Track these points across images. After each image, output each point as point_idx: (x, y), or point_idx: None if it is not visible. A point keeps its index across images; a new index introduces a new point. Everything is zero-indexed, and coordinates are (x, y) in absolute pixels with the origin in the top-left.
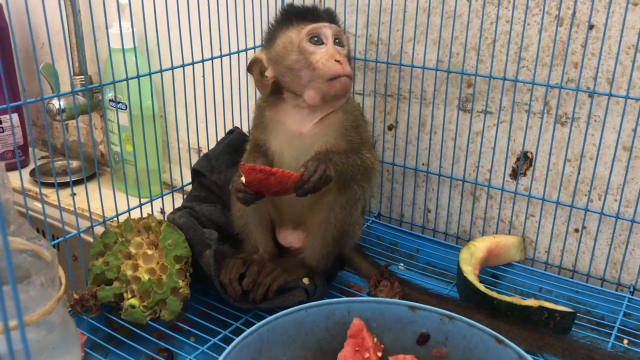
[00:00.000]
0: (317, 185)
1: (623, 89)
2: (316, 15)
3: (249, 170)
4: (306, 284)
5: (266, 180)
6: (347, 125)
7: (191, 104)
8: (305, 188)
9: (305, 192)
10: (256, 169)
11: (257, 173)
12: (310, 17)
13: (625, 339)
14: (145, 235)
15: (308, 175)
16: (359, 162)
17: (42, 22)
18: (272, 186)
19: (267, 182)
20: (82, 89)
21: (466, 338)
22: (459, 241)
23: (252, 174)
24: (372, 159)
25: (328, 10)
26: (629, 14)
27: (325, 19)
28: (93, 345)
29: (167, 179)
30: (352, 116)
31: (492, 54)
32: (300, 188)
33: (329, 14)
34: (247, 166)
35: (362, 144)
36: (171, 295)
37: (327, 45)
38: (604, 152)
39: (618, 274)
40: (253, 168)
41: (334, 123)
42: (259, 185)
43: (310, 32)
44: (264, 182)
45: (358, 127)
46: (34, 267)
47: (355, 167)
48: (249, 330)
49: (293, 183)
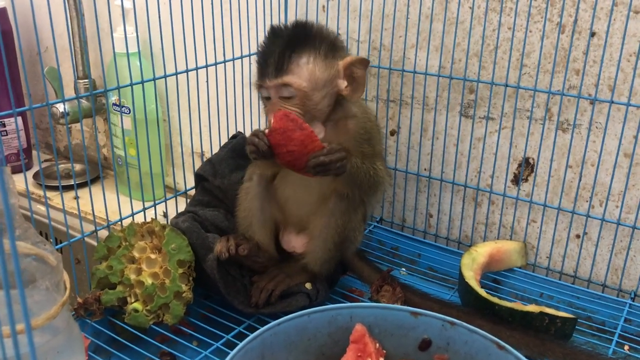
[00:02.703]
0: (332, 164)
1: (624, 96)
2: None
3: (282, 115)
4: (309, 289)
5: (291, 132)
6: (358, 137)
7: (194, 109)
8: (320, 160)
9: (317, 165)
10: (289, 117)
11: (288, 121)
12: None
13: (626, 345)
14: (148, 240)
15: (329, 151)
16: (372, 173)
17: (46, 26)
18: (293, 142)
19: (292, 135)
20: (86, 95)
21: (468, 344)
22: (461, 246)
23: (283, 119)
24: (384, 172)
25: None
26: (631, 22)
27: (268, 75)
28: (96, 348)
29: (171, 182)
30: (365, 126)
31: (494, 60)
32: (316, 157)
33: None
34: (282, 111)
35: (374, 155)
36: (174, 300)
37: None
38: (606, 159)
39: (619, 280)
40: (287, 114)
41: (346, 132)
42: (282, 136)
43: (259, 90)
44: (288, 133)
45: (371, 139)
46: (39, 272)
47: (367, 176)
48: (252, 336)
49: (312, 150)
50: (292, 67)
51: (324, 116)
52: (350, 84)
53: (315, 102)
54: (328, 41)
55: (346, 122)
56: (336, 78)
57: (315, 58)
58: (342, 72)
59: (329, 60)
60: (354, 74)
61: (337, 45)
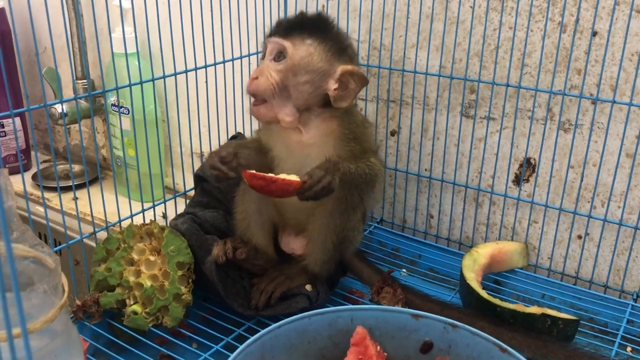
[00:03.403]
0: (318, 195)
1: (626, 95)
2: (271, 30)
3: (250, 177)
4: (309, 290)
5: (267, 187)
6: (344, 137)
7: (194, 109)
8: (306, 195)
9: (306, 199)
10: (257, 176)
11: (257, 180)
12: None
13: (629, 347)
14: (147, 242)
15: (310, 184)
16: (367, 170)
17: (44, 26)
18: (274, 192)
19: (268, 189)
20: (84, 95)
21: (470, 346)
22: (462, 247)
23: (253, 180)
24: (379, 165)
25: (285, 23)
26: (633, 21)
27: (276, 33)
28: (95, 351)
29: (170, 183)
30: (349, 127)
31: (495, 60)
32: (301, 195)
33: (282, 26)
34: (248, 173)
35: (365, 151)
36: (173, 302)
37: (263, 61)
38: (607, 159)
39: (621, 281)
40: (254, 175)
41: (332, 132)
42: (258, 189)
43: (262, 49)
44: (265, 188)
45: (357, 138)
46: (37, 274)
47: (362, 176)
48: (252, 339)
49: (295, 190)
50: (296, 38)
51: (300, 103)
52: (340, 91)
53: (297, 82)
54: (340, 44)
55: (330, 123)
56: (329, 76)
57: (320, 46)
58: (337, 74)
59: (331, 57)
60: (349, 84)
61: (347, 51)
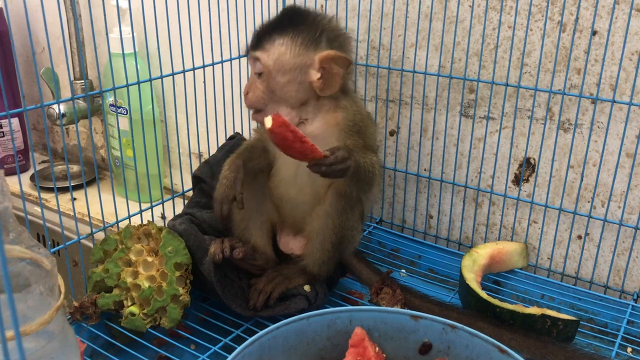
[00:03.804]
0: (332, 173)
1: (626, 95)
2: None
3: (280, 123)
4: (307, 291)
5: (290, 142)
6: (347, 129)
7: (192, 109)
8: (321, 169)
9: (318, 172)
10: (289, 127)
11: (287, 131)
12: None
13: (629, 347)
14: (145, 242)
15: (331, 161)
16: (370, 168)
17: (42, 26)
18: (292, 149)
19: (290, 144)
20: (82, 96)
21: (469, 348)
22: (461, 248)
23: (281, 128)
24: (378, 165)
25: (256, 32)
26: (633, 20)
27: (251, 46)
28: (93, 353)
29: (168, 183)
30: (354, 119)
31: (495, 59)
32: (316, 165)
33: (255, 37)
34: (281, 119)
35: (366, 148)
36: (171, 303)
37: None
38: (607, 159)
39: (621, 281)
40: (286, 124)
41: (337, 123)
42: (280, 139)
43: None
44: (287, 141)
45: (361, 132)
46: (34, 276)
47: (366, 172)
48: (250, 340)
49: (312, 158)
50: (266, 45)
51: (293, 101)
52: (325, 78)
53: (279, 84)
54: (314, 32)
55: (335, 114)
56: (308, 67)
57: (291, 42)
58: (317, 64)
59: (304, 49)
60: (332, 69)
61: (322, 37)
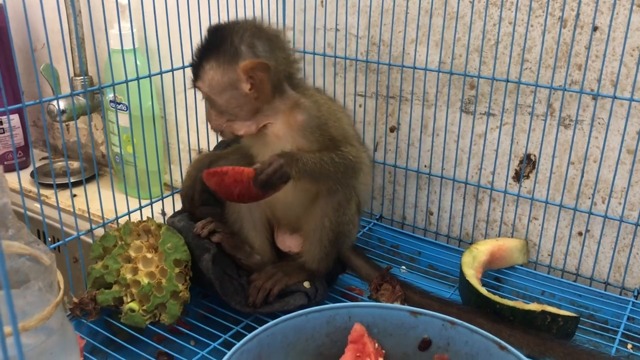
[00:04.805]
0: (272, 178)
1: (627, 91)
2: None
3: (207, 176)
4: (307, 287)
5: (223, 183)
6: (308, 127)
7: (192, 105)
8: (260, 180)
9: (260, 185)
10: (211, 172)
11: (212, 177)
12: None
13: (629, 344)
14: (144, 239)
15: (261, 168)
16: (337, 160)
17: (41, 23)
18: (231, 187)
19: (225, 184)
20: (81, 92)
21: (468, 344)
22: (462, 244)
23: (209, 179)
24: (355, 153)
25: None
26: (634, 16)
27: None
28: (92, 349)
29: (168, 180)
30: (311, 114)
31: (495, 55)
32: (255, 181)
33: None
34: (205, 172)
35: (336, 140)
36: (171, 299)
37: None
38: (608, 155)
39: (622, 278)
40: (209, 172)
41: (296, 123)
42: (220, 190)
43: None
44: (222, 185)
45: (322, 126)
46: (33, 272)
47: (331, 165)
48: (249, 336)
49: (248, 179)
50: (200, 73)
51: (244, 114)
52: (255, 87)
53: (221, 104)
54: (232, 46)
55: (292, 113)
56: (238, 82)
57: (216, 63)
58: (242, 76)
59: (228, 66)
60: (256, 77)
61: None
